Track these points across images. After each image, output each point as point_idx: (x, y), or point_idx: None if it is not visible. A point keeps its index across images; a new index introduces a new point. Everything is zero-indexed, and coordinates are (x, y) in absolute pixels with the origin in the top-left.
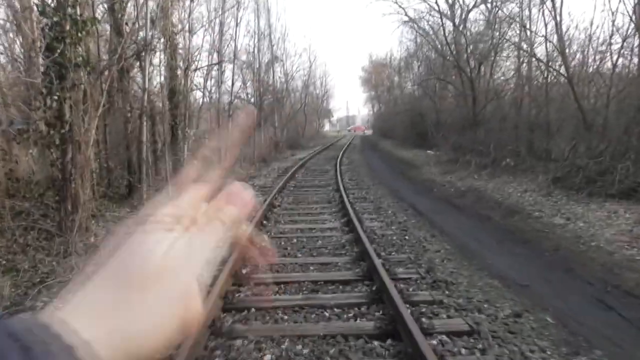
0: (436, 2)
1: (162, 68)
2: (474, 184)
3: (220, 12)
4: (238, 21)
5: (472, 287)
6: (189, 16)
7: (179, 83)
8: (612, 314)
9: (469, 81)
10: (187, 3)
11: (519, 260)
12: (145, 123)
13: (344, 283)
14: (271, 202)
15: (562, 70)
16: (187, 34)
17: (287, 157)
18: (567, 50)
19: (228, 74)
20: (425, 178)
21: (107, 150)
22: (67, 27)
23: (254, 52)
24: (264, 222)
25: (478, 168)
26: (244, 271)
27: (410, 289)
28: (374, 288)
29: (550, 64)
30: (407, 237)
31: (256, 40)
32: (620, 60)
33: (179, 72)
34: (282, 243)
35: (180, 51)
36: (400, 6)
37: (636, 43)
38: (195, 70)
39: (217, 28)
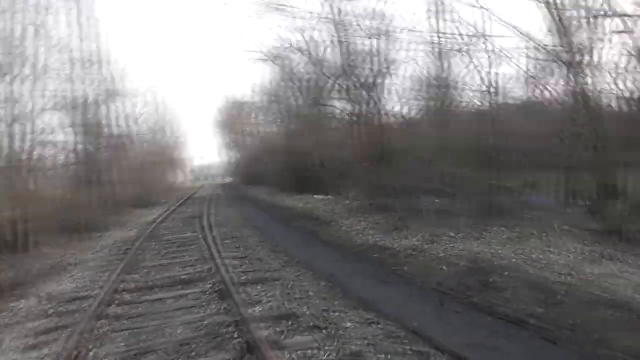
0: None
1: None
2: (478, 251)
3: None
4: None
5: None
6: None
7: None
8: None
9: (372, 103)
10: None
11: None
12: None
13: None
14: None
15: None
16: None
17: (132, 219)
18: None
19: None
20: (364, 243)
21: None
22: None
23: (71, 77)
24: None
25: (439, 218)
26: None
27: None
28: None
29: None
30: None
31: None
32: None
33: None
34: None
35: None
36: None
37: None
38: None
39: None
